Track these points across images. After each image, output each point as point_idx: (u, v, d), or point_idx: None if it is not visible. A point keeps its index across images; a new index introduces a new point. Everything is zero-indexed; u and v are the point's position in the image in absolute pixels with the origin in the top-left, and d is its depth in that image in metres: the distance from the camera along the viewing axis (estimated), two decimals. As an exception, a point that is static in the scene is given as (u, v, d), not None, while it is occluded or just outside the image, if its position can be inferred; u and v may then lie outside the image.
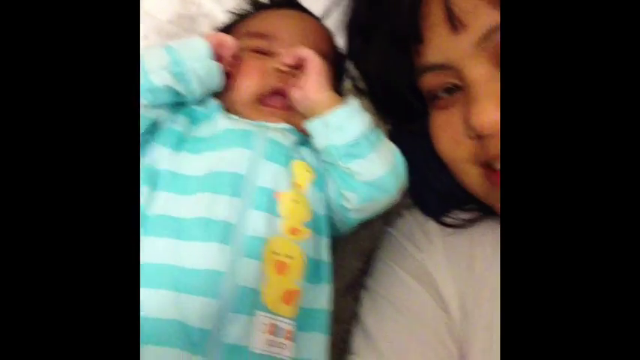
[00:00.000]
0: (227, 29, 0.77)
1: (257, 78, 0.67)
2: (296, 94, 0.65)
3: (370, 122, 0.62)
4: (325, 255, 0.62)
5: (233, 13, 0.81)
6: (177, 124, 0.65)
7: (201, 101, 0.68)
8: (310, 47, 0.68)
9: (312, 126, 0.63)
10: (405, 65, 0.63)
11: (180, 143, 0.63)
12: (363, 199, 0.62)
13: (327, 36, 0.76)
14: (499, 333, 0.56)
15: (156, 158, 0.62)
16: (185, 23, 0.92)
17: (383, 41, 0.64)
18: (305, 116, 0.65)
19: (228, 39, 0.68)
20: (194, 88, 0.65)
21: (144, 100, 0.61)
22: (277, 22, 0.73)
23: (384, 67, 0.66)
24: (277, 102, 0.67)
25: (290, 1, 0.79)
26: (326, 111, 0.62)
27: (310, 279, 0.59)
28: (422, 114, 0.65)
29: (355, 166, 0.60)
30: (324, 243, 0.62)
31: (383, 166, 0.61)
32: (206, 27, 0.91)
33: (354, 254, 0.71)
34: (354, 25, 0.69)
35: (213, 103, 0.68)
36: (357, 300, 0.68)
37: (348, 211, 0.64)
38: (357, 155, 0.60)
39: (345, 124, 0.61)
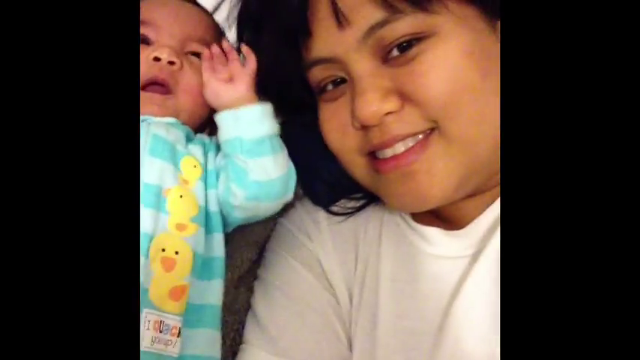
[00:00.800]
0: None
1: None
2: (215, 84, 0.66)
3: (277, 128, 0.65)
4: (217, 250, 0.62)
5: None
6: None
7: None
8: (190, 34, 0.68)
9: (223, 116, 0.64)
10: (295, 59, 0.64)
11: None
12: (250, 197, 0.62)
13: (210, 24, 0.75)
14: (382, 315, 0.61)
15: None
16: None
17: (273, 34, 0.65)
18: (185, 107, 0.66)
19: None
20: None
21: None
22: (156, 10, 0.70)
23: (274, 60, 0.67)
24: (156, 90, 0.66)
25: None
26: (241, 105, 0.64)
27: (200, 275, 0.59)
28: (311, 107, 0.67)
29: (253, 163, 0.61)
30: (217, 238, 0.62)
31: (276, 171, 0.62)
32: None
33: (247, 245, 0.71)
34: (245, 17, 0.69)
35: None
36: (250, 291, 0.69)
37: (233, 208, 0.64)
38: (258, 153, 0.62)
39: (257, 121, 0.63)
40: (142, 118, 0.64)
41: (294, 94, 0.68)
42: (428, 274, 0.60)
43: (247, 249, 0.70)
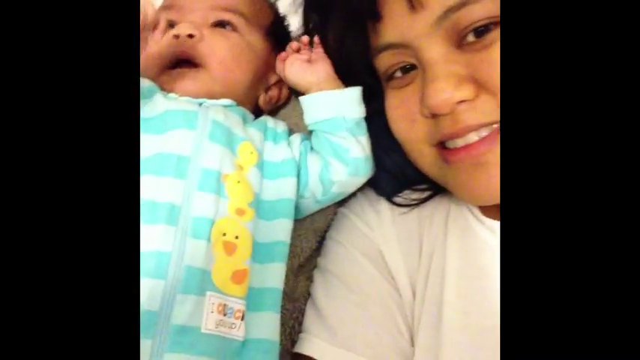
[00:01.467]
0: None
1: (157, 48, 0.66)
2: (299, 64, 0.67)
3: None
4: (278, 235, 0.62)
5: None
6: None
7: None
8: (212, 4, 0.67)
9: (322, 96, 0.66)
10: (362, 44, 0.63)
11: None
12: (350, 173, 0.65)
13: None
14: (448, 310, 0.58)
15: None
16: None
17: (340, 19, 0.64)
18: (219, 77, 0.65)
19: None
20: None
21: None
22: None
23: (340, 46, 0.66)
24: (184, 66, 0.66)
25: None
26: (326, 86, 0.66)
27: (260, 259, 0.59)
28: (377, 94, 0.65)
29: (354, 140, 0.65)
30: (278, 224, 0.62)
31: (366, 151, 0.66)
32: None
33: (307, 234, 0.70)
34: (311, 2, 0.68)
35: (147, 82, 0.65)
36: (310, 280, 0.68)
37: (333, 184, 0.65)
38: (358, 132, 0.65)
39: (357, 102, 0.66)
40: (199, 101, 0.64)
41: (359, 81, 0.67)
42: (497, 269, 0.58)
43: (307, 237, 0.70)
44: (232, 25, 0.69)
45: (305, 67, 0.68)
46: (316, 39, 0.69)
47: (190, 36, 0.65)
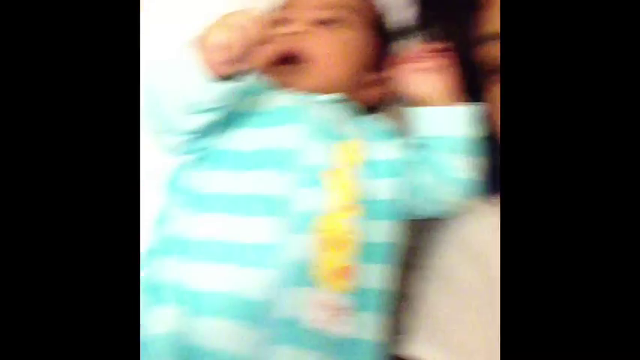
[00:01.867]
0: None
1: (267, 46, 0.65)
2: (422, 74, 0.65)
3: None
4: (384, 236, 0.61)
5: None
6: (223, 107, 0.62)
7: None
8: (322, 2, 0.67)
9: (437, 111, 0.64)
10: (468, 34, 0.62)
11: (226, 122, 0.61)
12: (454, 193, 0.64)
13: None
14: None
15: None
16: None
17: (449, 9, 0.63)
18: (326, 72, 0.64)
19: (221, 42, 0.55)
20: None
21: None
22: None
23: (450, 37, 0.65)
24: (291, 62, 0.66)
25: None
26: (443, 100, 0.64)
27: (367, 258, 0.58)
28: (480, 89, 0.64)
29: (461, 162, 0.62)
30: (384, 225, 0.61)
31: (477, 173, 0.64)
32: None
33: (415, 234, 0.69)
34: None
35: (254, 78, 0.65)
36: (417, 280, 0.67)
37: (438, 202, 0.64)
38: (468, 153, 0.63)
39: (472, 120, 0.63)
40: (306, 96, 0.64)
41: (464, 74, 0.65)
42: None
43: (415, 237, 0.69)
44: (339, 21, 0.68)
45: (422, 76, 0.65)
46: (438, 45, 0.66)
47: (298, 33, 0.66)
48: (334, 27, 0.67)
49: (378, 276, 0.59)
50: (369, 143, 0.64)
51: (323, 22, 0.67)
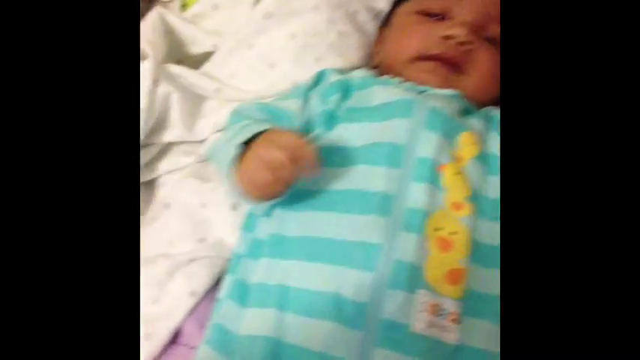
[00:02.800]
0: None
1: (417, 41, 0.65)
2: None
3: None
4: (498, 237, 0.54)
5: None
6: (326, 103, 0.62)
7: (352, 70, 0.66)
8: (492, 13, 0.64)
9: None
10: None
11: (331, 120, 0.61)
12: None
13: None
14: None
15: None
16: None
17: None
18: (473, 90, 0.62)
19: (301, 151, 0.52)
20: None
21: None
22: None
23: None
24: (445, 64, 0.63)
25: None
26: None
27: (479, 260, 0.53)
28: None
29: None
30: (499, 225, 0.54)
31: None
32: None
33: None
34: None
35: (365, 72, 0.65)
36: None
37: None
38: None
39: None
40: (420, 88, 0.62)
41: None
42: None
43: None
44: (499, 43, 0.65)
45: None
46: None
47: (466, 43, 0.63)
48: (495, 48, 0.65)
49: (491, 280, 0.53)
50: (486, 136, 0.59)
51: (488, 38, 0.65)
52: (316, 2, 0.75)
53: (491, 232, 0.54)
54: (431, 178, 0.54)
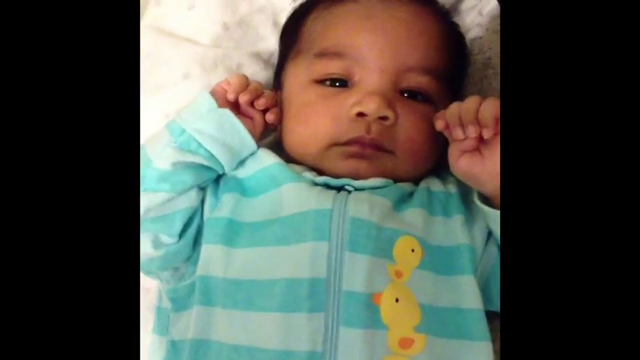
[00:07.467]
0: (289, 40, 0.61)
1: (326, 126, 0.53)
2: (464, 160, 0.50)
3: None
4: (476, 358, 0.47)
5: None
6: (221, 208, 0.52)
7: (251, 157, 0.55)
8: (407, 62, 0.52)
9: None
10: None
11: (231, 236, 0.50)
12: None
13: (439, 34, 0.55)
14: None
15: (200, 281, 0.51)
16: (236, 32, 0.71)
17: None
18: (405, 167, 0.53)
19: (235, 80, 0.55)
20: (211, 150, 0.51)
21: (163, 193, 0.50)
22: (355, 29, 0.53)
23: None
24: (366, 146, 0.52)
25: None
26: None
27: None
28: None
29: None
30: (469, 345, 0.47)
31: None
32: (266, 27, 0.70)
33: None
34: None
35: (271, 159, 0.54)
36: None
37: None
38: None
39: None
40: (341, 182, 0.52)
41: None
42: None
43: None
44: (426, 94, 0.54)
45: (472, 160, 0.51)
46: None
47: (383, 118, 0.51)
48: (420, 104, 0.54)
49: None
50: (429, 225, 0.51)
51: (405, 92, 0.54)
52: (185, 69, 0.65)
53: (459, 355, 0.46)
54: (367, 317, 0.45)
